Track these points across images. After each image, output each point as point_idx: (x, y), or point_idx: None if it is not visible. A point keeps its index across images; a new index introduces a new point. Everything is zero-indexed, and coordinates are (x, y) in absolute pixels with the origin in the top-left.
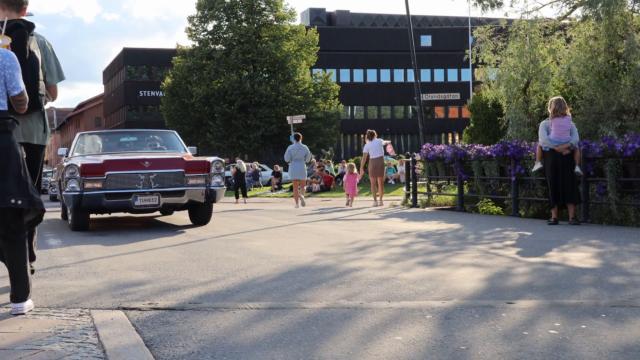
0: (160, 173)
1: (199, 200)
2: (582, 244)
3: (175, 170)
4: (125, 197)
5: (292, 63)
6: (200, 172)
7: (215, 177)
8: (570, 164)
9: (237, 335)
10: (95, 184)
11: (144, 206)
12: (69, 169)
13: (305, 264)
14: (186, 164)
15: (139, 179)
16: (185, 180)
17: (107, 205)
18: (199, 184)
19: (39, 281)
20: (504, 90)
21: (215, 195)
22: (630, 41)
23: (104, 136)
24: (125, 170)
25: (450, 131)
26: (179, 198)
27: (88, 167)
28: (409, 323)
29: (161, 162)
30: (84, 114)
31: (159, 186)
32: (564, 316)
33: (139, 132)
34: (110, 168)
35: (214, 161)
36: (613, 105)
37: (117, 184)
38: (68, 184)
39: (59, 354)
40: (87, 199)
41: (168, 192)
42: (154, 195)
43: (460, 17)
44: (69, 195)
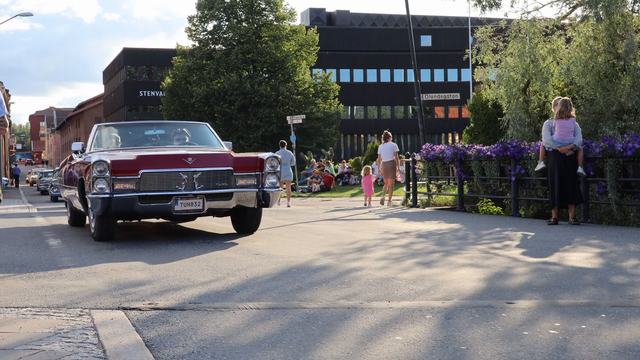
0: (205, 172)
1: (249, 204)
2: (582, 244)
3: (222, 169)
4: (164, 200)
5: (292, 63)
6: (252, 171)
7: (269, 177)
8: (573, 165)
9: (237, 335)
10: (127, 185)
11: (185, 211)
12: (96, 167)
13: (305, 264)
14: (235, 161)
15: (181, 179)
16: (233, 181)
17: (141, 210)
18: (250, 185)
19: (39, 281)
20: (504, 90)
21: (269, 199)
22: (630, 42)
23: (126, 128)
24: (164, 168)
25: (450, 131)
26: (226, 202)
27: (119, 165)
28: (409, 323)
29: (206, 158)
30: (84, 114)
31: (204, 187)
32: (564, 316)
33: (166, 124)
34: (145, 165)
35: (268, 158)
36: (613, 105)
37: (154, 185)
38: (95, 184)
39: (59, 354)
40: (118, 203)
41: (214, 195)
42: (197, 199)
43: (460, 17)
44: (97, 198)
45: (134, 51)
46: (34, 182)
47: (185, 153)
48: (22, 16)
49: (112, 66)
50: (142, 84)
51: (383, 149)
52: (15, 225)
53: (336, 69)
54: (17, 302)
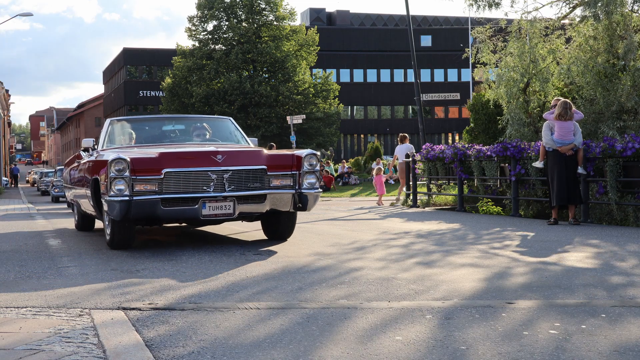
0: (236, 171)
1: (284, 208)
2: (582, 244)
3: (255, 167)
4: (190, 203)
5: (292, 63)
6: (287, 170)
7: (308, 177)
8: (573, 165)
9: (237, 335)
10: (148, 186)
11: (213, 216)
12: (115, 165)
13: (305, 263)
14: (269, 159)
15: (210, 179)
16: (267, 181)
17: (164, 215)
18: (285, 186)
19: (39, 281)
20: (503, 90)
21: (307, 202)
22: (629, 41)
23: (142, 123)
24: (191, 166)
25: (450, 131)
26: (259, 205)
27: (140, 163)
28: (409, 323)
29: (237, 156)
30: (84, 114)
31: (235, 189)
32: (563, 316)
33: (186, 119)
34: (169, 164)
35: (307, 155)
36: (613, 105)
37: (179, 186)
38: (113, 185)
39: (59, 354)
40: (138, 207)
41: (245, 197)
42: (227, 202)
43: (460, 17)
44: (114, 201)
45: (134, 51)
46: (34, 182)
47: (214, 150)
48: (22, 16)
49: (112, 66)
50: (142, 84)
51: (399, 150)
52: (17, 227)
53: (336, 69)
54: (17, 302)
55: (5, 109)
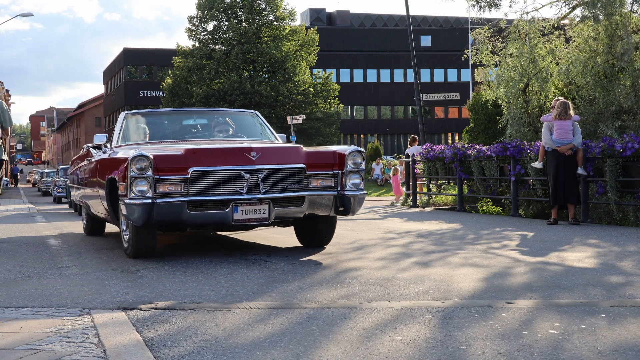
0: (272, 170)
1: (324, 211)
2: (582, 244)
3: (293, 166)
4: (219, 206)
5: (292, 63)
6: (328, 169)
7: (351, 177)
8: (573, 165)
9: (237, 335)
10: (173, 187)
11: (246, 221)
12: (136, 163)
13: (305, 263)
14: (307, 157)
15: (242, 179)
16: (305, 182)
17: (190, 220)
18: (326, 187)
19: (39, 281)
20: (503, 90)
21: (351, 204)
22: (627, 42)
23: (160, 117)
24: (221, 165)
25: (450, 131)
26: (297, 208)
27: (164, 161)
28: (408, 323)
29: (273, 153)
30: (84, 114)
31: (270, 190)
32: (563, 316)
33: (210, 112)
34: (197, 162)
35: (351, 152)
36: (612, 105)
37: (207, 187)
38: (134, 186)
39: (59, 354)
40: (161, 210)
41: (282, 200)
42: (262, 205)
43: (460, 17)
44: (136, 204)
45: (134, 51)
46: (34, 182)
47: (248, 146)
48: (22, 16)
49: (112, 66)
50: (142, 84)
51: (410, 153)
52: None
53: (336, 69)
54: (17, 302)
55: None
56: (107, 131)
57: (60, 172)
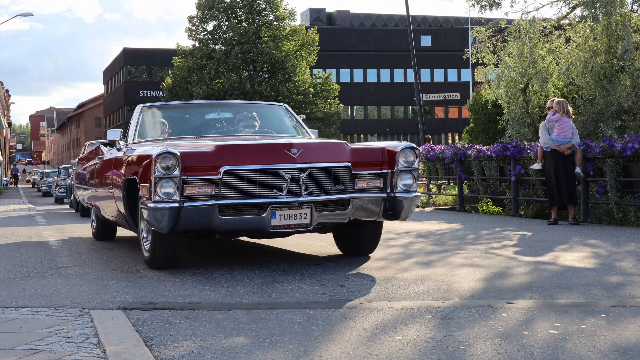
0: (315, 169)
1: (371, 216)
2: (582, 244)
3: (337, 165)
4: (255, 211)
5: (292, 63)
6: (376, 168)
7: (403, 177)
8: (571, 165)
9: (237, 335)
10: (202, 189)
11: (285, 227)
12: (161, 162)
13: (305, 263)
14: (353, 154)
15: (281, 180)
16: (351, 182)
17: (222, 226)
18: (373, 189)
19: (39, 281)
20: (503, 90)
21: (401, 208)
22: (627, 42)
23: (180, 111)
24: (258, 163)
25: (450, 131)
26: (341, 213)
27: (193, 159)
28: (409, 323)
29: (315, 150)
30: (84, 114)
31: (312, 192)
32: (563, 316)
33: (235, 105)
34: (229, 160)
35: (402, 149)
36: (612, 105)
37: (242, 189)
38: (158, 188)
39: (59, 354)
40: (189, 215)
41: (325, 203)
42: (303, 209)
43: (460, 17)
44: (161, 208)
45: (134, 51)
46: (34, 183)
47: (287, 142)
48: (22, 16)
49: (112, 66)
50: (142, 84)
51: None
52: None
53: (336, 69)
54: (17, 302)
55: (6, 109)
56: (107, 132)
57: (62, 171)
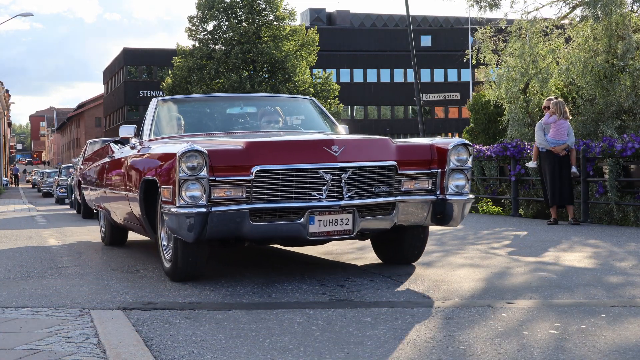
0: (358, 169)
1: (417, 221)
2: (582, 244)
3: (382, 164)
4: (291, 216)
5: (292, 63)
6: (424, 168)
7: (454, 178)
8: (567, 165)
9: (237, 335)
10: (232, 191)
11: (325, 234)
12: (187, 161)
13: (305, 263)
14: (399, 152)
15: (321, 181)
16: (396, 184)
17: (253, 233)
18: (421, 191)
19: (39, 281)
20: (504, 90)
21: (452, 212)
22: (628, 42)
23: (200, 104)
24: (294, 162)
25: (450, 131)
26: (385, 218)
27: (221, 158)
28: (409, 323)
29: (359, 146)
30: (84, 114)
31: (355, 195)
32: (563, 316)
33: (258, 99)
34: (262, 158)
35: (454, 146)
36: (612, 105)
37: (276, 191)
38: (183, 190)
39: (59, 354)
40: (217, 221)
41: (368, 208)
42: (345, 214)
43: (460, 17)
44: (186, 214)
45: (134, 51)
46: (34, 183)
47: (328, 138)
48: (22, 16)
49: (112, 66)
50: (142, 84)
51: None
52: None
53: (336, 69)
54: (17, 302)
55: (5, 109)
56: (107, 132)
57: (63, 171)
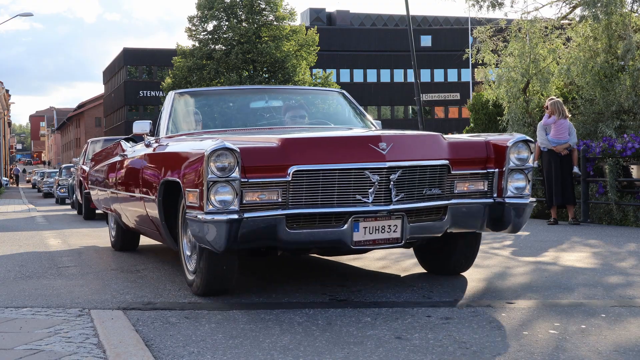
0: (408, 169)
1: (471, 227)
2: (582, 244)
3: (433, 163)
4: (333, 222)
5: (292, 63)
6: (479, 167)
7: (514, 178)
8: (568, 165)
9: (237, 335)
10: (266, 194)
11: (371, 242)
12: (216, 160)
13: (305, 263)
14: (451, 149)
15: (367, 183)
16: (449, 185)
17: (289, 241)
18: (475, 193)
19: (39, 281)
20: (504, 90)
21: (512, 217)
22: (628, 42)
23: (220, 98)
24: (337, 162)
25: (450, 131)
26: (436, 224)
27: (254, 157)
28: (408, 323)
29: (408, 143)
30: (84, 114)
31: (404, 198)
32: (563, 316)
33: (283, 91)
34: (300, 157)
35: (515, 143)
36: (612, 105)
37: (315, 195)
38: (212, 194)
39: (59, 354)
40: (250, 228)
41: (418, 212)
42: (392, 219)
43: (460, 17)
44: (216, 221)
45: (134, 51)
46: (34, 183)
47: (374, 134)
48: (22, 16)
49: (112, 66)
50: (142, 84)
51: None
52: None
53: (336, 69)
54: (17, 302)
55: (5, 109)
56: (107, 132)
57: (63, 171)
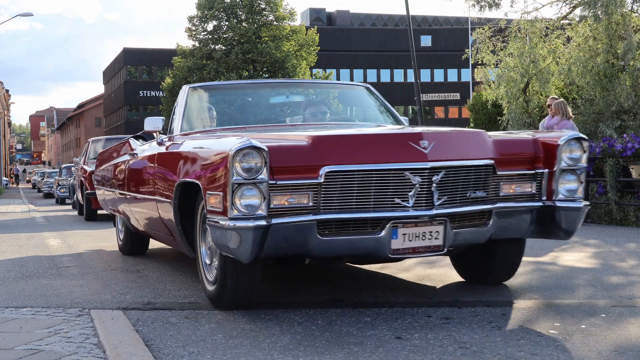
0: (451, 170)
1: (517, 233)
2: (582, 244)
3: (478, 163)
4: (369, 228)
5: (292, 63)
6: (527, 167)
7: (565, 179)
8: None
9: (237, 336)
10: (296, 198)
11: (410, 251)
12: (242, 160)
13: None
14: (496, 147)
15: (408, 185)
16: (494, 188)
17: (321, 249)
18: (522, 196)
19: (39, 281)
20: (504, 90)
21: (562, 222)
22: (628, 42)
23: (237, 92)
24: (374, 162)
25: None
26: (480, 230)
27: (284, 156)
28: (408, 323)
29: (450, 141)
30: (84, 114)
31: (447, 202)
32: (563, 316)
33: (303, 85)
34: (333, 157)
35: (567, 141)
36: (612, 105)
37: (350, 198)
38: (237, 198)
39: (59, 354)
40: (279, 235)
41: (461, 217)
42: (434, 225)
43: (460, 17)
44: (243, 228)
45: (134, 51)
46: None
47: (414, 131)
48: (22, 16)
49: (112, 66)
50: (142, 84)
51: None
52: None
53: (336, 69)
54: (17, 302)
55: (5, 109)
56: (107, 132)
57: (64, 171)
